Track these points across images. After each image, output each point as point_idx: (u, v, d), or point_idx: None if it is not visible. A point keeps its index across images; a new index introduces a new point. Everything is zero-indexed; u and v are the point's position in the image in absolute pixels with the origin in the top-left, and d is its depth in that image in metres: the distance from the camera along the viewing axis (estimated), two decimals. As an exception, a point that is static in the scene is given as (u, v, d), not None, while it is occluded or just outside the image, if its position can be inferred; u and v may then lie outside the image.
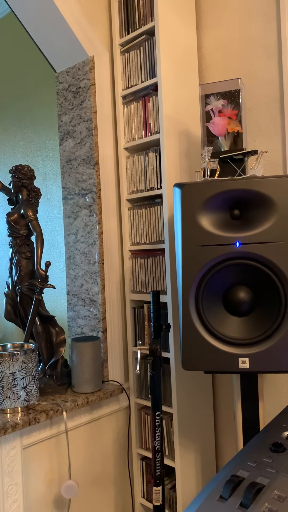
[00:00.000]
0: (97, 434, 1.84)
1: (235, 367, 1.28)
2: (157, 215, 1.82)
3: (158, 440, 1.47)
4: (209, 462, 1.91)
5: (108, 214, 1.94)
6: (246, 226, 1.28)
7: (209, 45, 1.93)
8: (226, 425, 1.95)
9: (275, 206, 1.26)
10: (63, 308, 2.80)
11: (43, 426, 1.64)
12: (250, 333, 1.30)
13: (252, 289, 1.31)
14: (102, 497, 1.87)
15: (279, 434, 1.17)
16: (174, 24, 1.80)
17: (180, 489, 1.76)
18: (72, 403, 1.69)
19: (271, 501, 0.92)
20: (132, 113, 1.91)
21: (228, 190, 1.28)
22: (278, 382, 1.76)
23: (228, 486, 0.97)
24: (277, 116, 1.72)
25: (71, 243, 2.02)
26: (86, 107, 1.91)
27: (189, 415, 1.81)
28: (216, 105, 1.51)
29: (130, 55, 1.90)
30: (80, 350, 1.77)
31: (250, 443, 1.16)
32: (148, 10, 1.81)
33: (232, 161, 1.46)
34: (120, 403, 1.94)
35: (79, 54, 1.90)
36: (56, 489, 1.69)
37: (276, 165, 1.73)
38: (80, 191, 1.96)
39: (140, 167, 1.88)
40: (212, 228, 1.30)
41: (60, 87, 2.02)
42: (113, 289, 1.95)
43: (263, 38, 1.75)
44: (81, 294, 1.99)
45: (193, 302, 1.31)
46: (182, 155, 1.82)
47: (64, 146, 2.02)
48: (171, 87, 1.78)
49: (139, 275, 1.91)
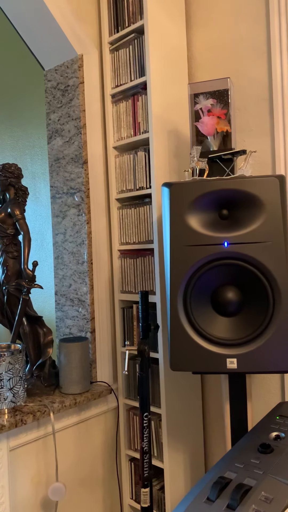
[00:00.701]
0: (85, 436, 1.83)
1: (223, 367, 1.28)
2: (146, 215, 1.81)
3: (146, 442, 1.46)
4: (197, 463, 1.91)
5: (97, 213, 1.93)
6: (234, 226, 1.28)
7: (199, 44, 1.93)
8: (215, 425, 1.95)
9: (264, 206, 1.25)
10: (52, 308, 2.78)
11: (30, 427, 1.62)
12: (238, 333, 1.29)
13: (240, 289, 1.31)
14: (90, 498, 1.85)
15: (267, 435, 1.16)
16: (164, 23, 1.79)
17: (169, 490, 1.75)
18: (60, 404, 1.67)
19: (258, 502, 0.92)
20: (121, 112, 1.89)
21: (216, 190, 1.28)
22: (267, 382, 1.76)
23: (215, 488, 0.97)
24: (266, 116, 1.72)
25: (60, 243, 2.00)
26: (75, 105, 1.89)
27: (178, 416, 1.80)
28: (205, 104, 1.50)
29: (119, 54, 1.88)
30: (68, 350, 1.75)
31: (238, 444, 1.15)
32: (137, 8, 1.80)
33: (221, 160, 1.45)
34: (109, 404, 1.92)
35: (67, 52, 1.89)
36: (44, 492, 1.67)
37: (265, 165, 1.73)
38: (69, 190, 1.94)
39: (129, 166, 1.87)
40: (200, 228, 1.29)
41: (48, 85, 2.00)
42: (101, 289, 1.94)
43: (252, 37, 1.75)
44: (69, 294, 1.97)
45: (181, 302, 1.30)
46: (171, 154, 1.81)
47: (52, 144, 2.00)
48: (161, 86, 1.77)
49: (128, 275, 1.90)
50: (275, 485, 0.95)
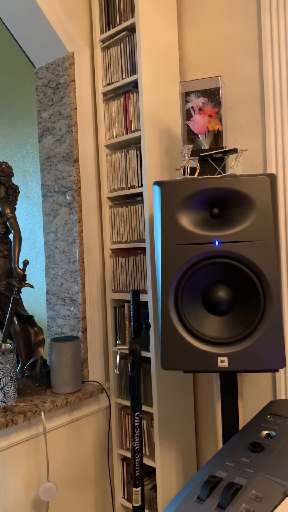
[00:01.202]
0: (76, 435, 1.82)
1: (214, 366, 1.27)
2: (138, 214, 1.81)
3: (137, 441, 1.45)
4: (189, 462, 1.91)
5: (89, 212, 1.92)
6: (225, 224, 1.28)
7: (190, 42, 1.92)
8: (207, 424, 1.95)
9: (254, 205, 1.25)
10: (43, 307, 2.77)
11: (21, 427, 1.61)
12: (229, 332, 1.29)
13: (231, 288, 1.31)
14: (82, 498, 1.85)
15: (258, 434, 1.16)
16: (155, 21, 1.79)
17: (161, 489, 1.75)
18: (51, 404, 1.66)
19: (248, 501, 0.92)
20: (113, 110, 1.89)
21: (207, 188, 1.27)
22: (258, 381, 1.76)
23: (206, 487, 0.97)
24: (257, 114, 1.72)
25: (51, 242, 1.99)
26: (66, 103, 1.88)
27: (169, 415, 1.80)
28: (197, 103, 1.50)
29: (111, 52, 1.87)
30: (59, 350, 1.75)
31: (228, 443, 1.15)
32: (128, 6, 1.79)
33: (212, 159, 1.45)
34: (101, 403, 1.92)
35: (58, 50, 1.87)
36: (35, 492, 1.66)
37: (256, 163, 1.73)
38: (60, 189, 1.93)
39: (121, 164, 1.86)
40: (191, 226, 1.29)
41: (39, 83, 1.99)
42: (93, 288, 1.93)
43: (243, 36, 1.75)
44: (60, 293, 1.96)
45: (172, 301, 1.30)
46: (163, 153, 1.80)
47: (43, 142, 1.99)
48: (152, 84, 1.76)
49: (120, 274, 1.89)
50: (265, 483, 0.96)
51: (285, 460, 1.02)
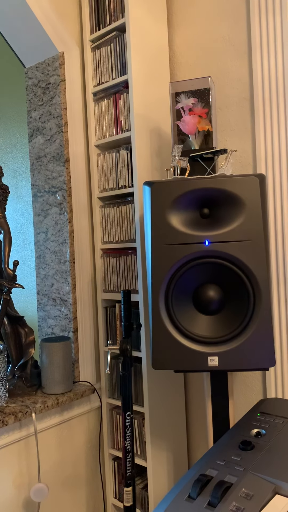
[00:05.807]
0: (68, 436, 1.82)
1: (204, 365, 1.28)
2: (129, 214, 1.81)
3: (128, 441, 1.46)
4: (181, 461, 1.92)
5: (79, 212, 1.92)
6: (215, 224, 1.28)
7: (180, 43, 1.93)
8: (198, 423, 1.96)
9: (244, 205, 1.26)
10: (34, 308, 2.76)
11: (12, 428, 1.60)
12: (220, 331, 1.30)
13: (222, 287, 1.31)
14: (73, 498, 1.84)
15: (248, 432, 1.17)
16: (145, 21, 1.79)
17: (152, 489, 1.75)
18: (42, 405, 1.66)
19: (238, 499, 0.92)
20: (103, 110, 1.89)
21: (197, 188, 1.28)
22: (248, 379, 1.77)
23: (196, 486, 0.97)
24: (247, 115, 1.73)
25: (41, 242, 1.99)
26: (56, 103, 1.88)
27: (161, 414, 1.80)
28: (186, 103, 1.50)
29: (101, 52, 1.87)
30: (50, 351, 1.74)
31: (219, 442, 1.16)
32: (118, 6, 1.79)
33: (202, 159, 1.46)
34: (92, 404, 1.92)
35: (48, 50, 1.87)
36: (26, 493, 1.65)
37: (246, 164, 1.74)
38: (50, 189, 1.93)
39: (112, 165, 1.86)
40: (181, 226, 1.29)
41: (29, 82, 1.98)
42: (84, 288, 1.93)
43: (233, 37, 1.76)
44: (51, 293, 1.96)
45: (163, 301, 1.30)
46: (153, 153, 1.81)
47: (33, 142, 1.98)
48: (142, 85, 1.77)
49: (111, 274, 1.89)
50: (255, 481, 0.96)
51: (275, 458, 1.03)
